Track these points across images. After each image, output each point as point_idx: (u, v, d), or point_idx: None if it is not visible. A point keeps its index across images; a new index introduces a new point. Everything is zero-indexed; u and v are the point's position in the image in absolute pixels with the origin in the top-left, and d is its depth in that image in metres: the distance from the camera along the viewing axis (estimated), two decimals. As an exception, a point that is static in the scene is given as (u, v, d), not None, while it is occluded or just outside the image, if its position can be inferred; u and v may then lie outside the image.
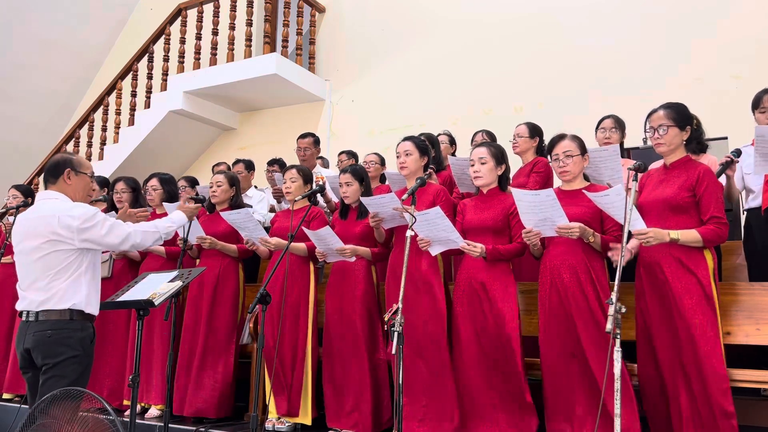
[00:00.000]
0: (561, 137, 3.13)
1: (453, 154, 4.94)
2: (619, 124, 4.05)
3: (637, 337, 2.92)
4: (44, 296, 2.66)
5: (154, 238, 2.98)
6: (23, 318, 2.71)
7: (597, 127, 4.08)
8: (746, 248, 3.74)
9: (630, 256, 2.88)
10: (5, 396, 4.73)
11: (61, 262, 2.69)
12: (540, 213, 2.90)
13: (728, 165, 3.34)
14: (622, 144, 4.02)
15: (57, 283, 2.67)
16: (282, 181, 5.01)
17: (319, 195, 4.07)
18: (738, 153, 3.42)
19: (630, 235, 2.73)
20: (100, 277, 2.90)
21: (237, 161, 5.57)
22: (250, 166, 5.50)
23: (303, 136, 5.32)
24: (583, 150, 3.14)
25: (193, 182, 5.16)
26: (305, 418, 3.77)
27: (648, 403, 2.88)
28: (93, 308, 2.77)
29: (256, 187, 5.76)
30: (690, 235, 2.73)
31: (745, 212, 3.83)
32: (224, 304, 4.13)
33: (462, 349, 3.23)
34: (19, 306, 2.73)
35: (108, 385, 4.34)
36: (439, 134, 5.00)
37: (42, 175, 2.97)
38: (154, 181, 4.49)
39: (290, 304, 3.86)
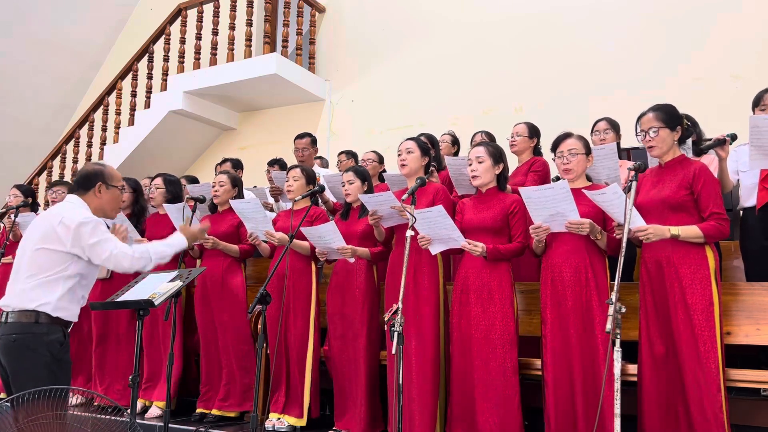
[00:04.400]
0: (567, 135, 3.14)
1: (455, 154, 4.94)
2: (613, 126, 4.05)
3: (640, 336, 2.92)
4: (15, 292, 2.59)
5: (141, 264, 2.77)
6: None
7: (591, 131, 4.08)
8: (742, 248, 3.75)
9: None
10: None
11: (46, 262, 2.59)
12: (552, 208, 2.90)
13: (720, 143, 3.25)
14: (618, 144, 4.02)
15: (29, 281, 2.57)
16: (280, 179, 5.03)
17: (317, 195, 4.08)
18: (734, 137, 3.34)
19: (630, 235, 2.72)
20: (88, 288, 2.77)
21: (224, 160, 5.58)
22: (237, 164, 5.52)
23: (300, 136, 5.32)
24: (588, 150, 3.14)
25: (193, 182, 5.16)
26: (304, 418, 3.77)
27: (645, 402, 2.88)
28: (63, 314, 2.62)
29: (255, 187, 5.76)
30: (691, 231, 2.73)
31: (741, 211, 3.83)
32: (228, 304, 4.13)
33: (459, 349, 3.23)
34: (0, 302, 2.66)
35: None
36: (444, 134, 5.01)
37: (59, 180, 2.87)
38: (158, 180, 4.50)
39: (292, 303, 3.87)
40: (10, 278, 2.71)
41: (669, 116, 2.88)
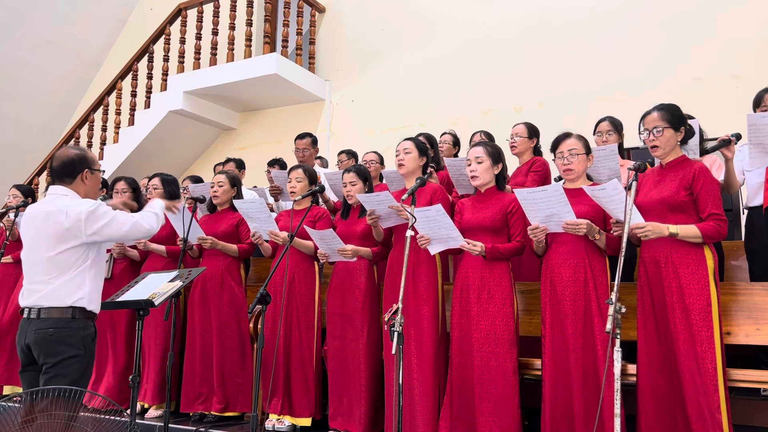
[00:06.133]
0: (566, 135, 3.14)
1: (456, 155, 4.94)
2: (616, 126, 4.03)
3: (638, 336, 2.92)
4: (46, 292, 2.63)
5: (155, 221, 2.89)
6: (25, 315, 2.68)
7: (594, 131, 4.08)
8: (747, 248, 3.73)
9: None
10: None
11: (68, 258, 2.65)
12: (547, 209, 2.91)
13: (725, 144, 3.24)
14: (621, 145, 4.02)
15: (60, 279, 2.64)
16: (280, 179, 5.03)
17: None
18: (738, 136, 3.33)
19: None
20: (103, 274, 2.85)
21: (228, 160, 5.59)
22: (240, 165, 5.53)
23: (301, 136, 5.32)
24: (588, 150, 3.14)
25: (197, 181, 5.15)
26: (306, 418, 3.77)
27: (644, 402, 2.88)
28: (95, 306, 2.74)
29: (256, 187, 5.76)
30: (689, 230, 2.73)
31: (746, 211, 3.82)
32: (227, 303, 4.12)
33: (459, 349, 3.23)
34: (22, 302, 2.70)
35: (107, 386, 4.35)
36: (444, 133, 5.00)
37: (51, 172, 2.87)
38: (155, 181, 4.49)
39: (297, 305, 3.87)
40: (25, 278, 2.73)
41: (673, 116, 2.87)
